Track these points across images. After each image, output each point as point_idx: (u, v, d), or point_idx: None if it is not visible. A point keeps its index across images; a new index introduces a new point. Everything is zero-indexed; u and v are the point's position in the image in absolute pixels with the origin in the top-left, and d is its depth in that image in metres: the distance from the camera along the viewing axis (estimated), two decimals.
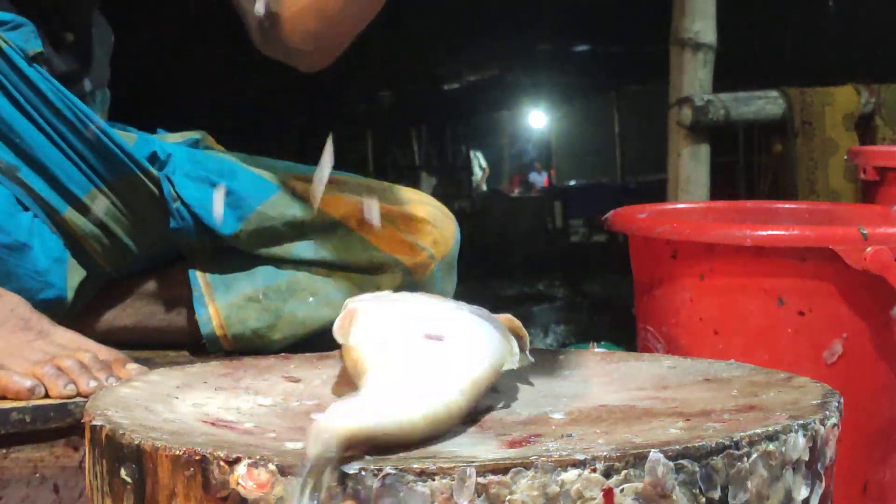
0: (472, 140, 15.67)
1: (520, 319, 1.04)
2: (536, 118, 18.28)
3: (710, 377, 0.97)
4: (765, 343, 1.56)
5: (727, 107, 3.21)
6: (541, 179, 16.76)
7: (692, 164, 3.24)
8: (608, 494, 0.71)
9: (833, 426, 0.82)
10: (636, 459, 0.72)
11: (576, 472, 0.71)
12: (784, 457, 0.77)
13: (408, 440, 0.75)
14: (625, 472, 0.71)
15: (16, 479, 1.17)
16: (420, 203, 1.47)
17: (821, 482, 0.80)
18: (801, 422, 0.79)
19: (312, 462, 0.68)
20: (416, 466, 0.70)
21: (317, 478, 0.68)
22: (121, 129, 1.45)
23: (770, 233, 1.55)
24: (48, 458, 1.18)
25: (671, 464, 0.72)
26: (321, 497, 0.69)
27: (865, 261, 1.50)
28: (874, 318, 1.57)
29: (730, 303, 1.58)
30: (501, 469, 0.70)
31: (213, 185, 1.39)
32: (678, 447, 0.73)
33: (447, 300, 1.00)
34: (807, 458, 0.78)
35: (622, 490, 0.71)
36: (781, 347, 1.56)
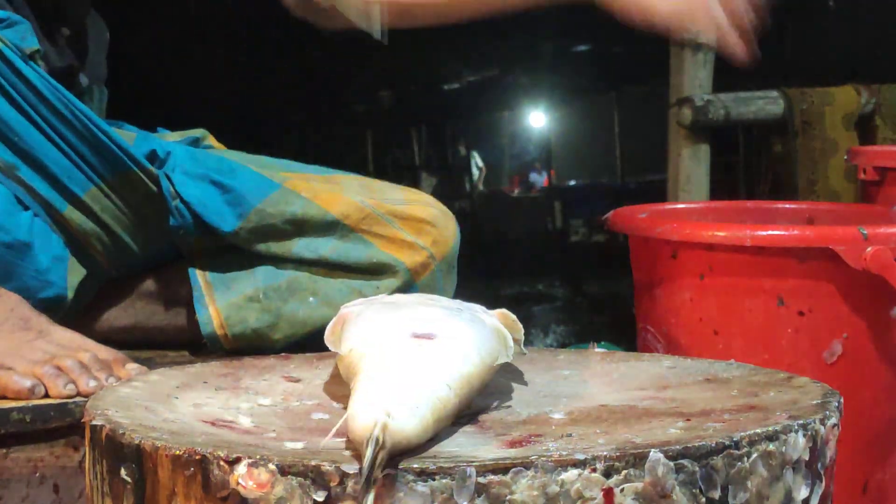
0: (473, 140, 15.65)
1: (520, 319, 1.04)
2: (536, 118, 18.25)
3: (710, 377, 0.97)
4: (765, 343, 1.56)
5: (727, 107, 3.20)
6: (541, 179, 16.73)
7: (692, 164, 3.23)
8: (608, 494, 0.71)
9: (833, 426, 0.82)
10: (636, 459, 0.72)
11: (576, 472, 0.71)
12: (784, 457, 0.77)
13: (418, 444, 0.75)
14: (625, 472, 0.71)
15: (16, 479, 1.17)
16: (420, 203, 1.47)
17: (821, 482, 0.80)
18: (801, 422, 0.79)
19: (371, 465, 0.69)
20: (416, 466, 0.70)
21: (373, 483, 0.69)
22: (120, 128, 1.46)
23: (770, 233, 1.55)
24: (48, 458, 1.18)
25: (671, 464, 0.72)
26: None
27: (865, 261, 1.50)
28: (874, 318, 1.57)
29: (730, 303, 1.58)
30: (501, 469, 0.70)
31: (213, 183, 1.39)
32: (678, 447, 0.73)
33: (442, 300, 1.00)
34: (807, 458, 0.79)
35: (622, 490, 0.71)
36: (781, 347, 1.56)
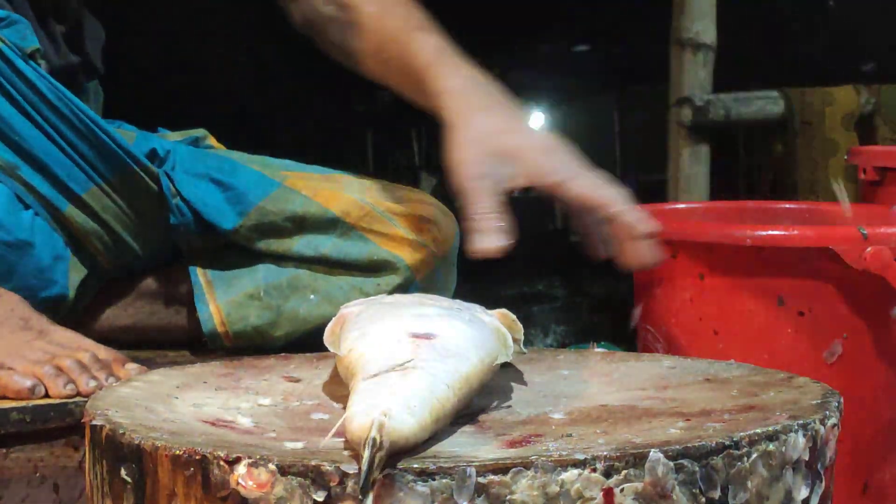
0: None
1: (520, 319, 1.04)
2: (536, 118, 18.28)
3: (710, 377, 0.97)
4: (765, 343, 1.56)
5: (727, 107, 3.20)
6: None
7: (692, 164, 3.23)
8: (608, 494, 0.71)
9: (833, 426, 0.82)
10: (636, 459, 0.71)
11: (576, 472, 0.71)
12: (784, 457, 0.77)
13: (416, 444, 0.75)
14: (625, 472, 0.71)
15: (16, 479, 1.16)
16: (420, 202, 1.47)
17: (821, 482, 0.80)
18: (801, 422, 0.79)
19: (369, 467, 0.68)
20: (416, 466, 0.70)
21: (371, 482, 0.68)
22: (120, 127, 1.46)
23: (770, 233, 1.55)
24: (48, 458, 1.18)
25: (671, 464, 0.72)
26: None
27: (865, 261, 1.49)
28: (874, 318, 1.57)
29: (730, 303, 1.58)
30: (501, 469, 0.70)
31: (214, 182, 1.39)
32: (678, 447, 0.73)
33: (441, 299, 1.00)
34: (807, 458, 0.78)
35: (622, 490, 0.71)
36: (781, 347, 1.56)
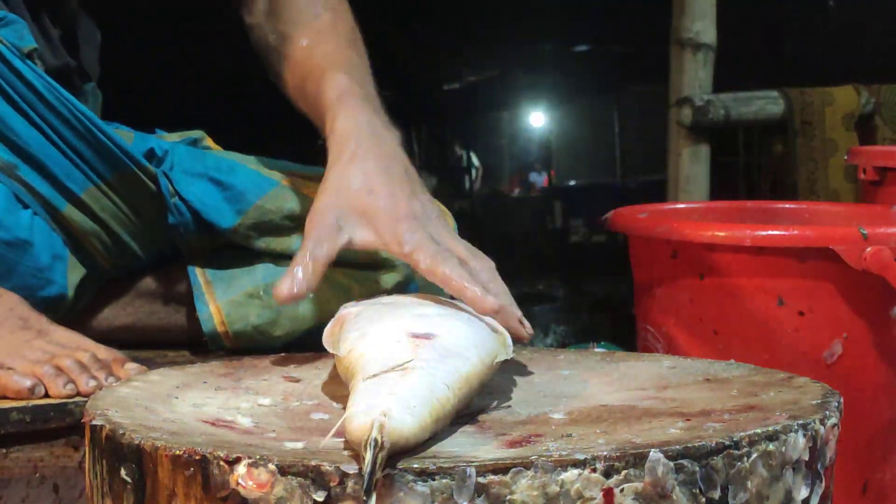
0: (473, 140, 15.65)
1: None
2: (536, 118, 18.25)
3: (710, 377, 0.97)
4: (765, 343, 1.56)
5: (727, 107, 3.21)
6: (541, 179, 16.73)
7: (692, 164, 3.24)
8: (608, 494, 0.71)
9: (833, 426, 0.82)
10: (636, 459, 0.71)
11: (576, 472, 0.71)
12: (784, 457, 0.77)
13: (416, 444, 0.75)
14: (625, 472, 0.71)
15: (16, 479, 1.16)
16: None
17: (821, 482, 0.80)
18: (801, 422, 0.79)
19: (372, 467, 0.68)
20: (416, 466, 0.70)
21: (374, 482, 0.68)
22: (118, 128, 1.46)
23: (770, 233, 1.56)
24: (48, 458, 1.18)
25: (671, 464, 0.72)
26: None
27: (865, 261, 1.50)
28: (874, 318, 1.57)
29: (730, 303, 1.58)
30: (501, 469, 0.70)
31: (212, 181, 1.39)
32: (678, 447, 0.73)
33: (440, 299, 1.00)
34: (807, 458, 0.78)
35: (622, 490, 0.71)
36: (781, 347, 1.56)
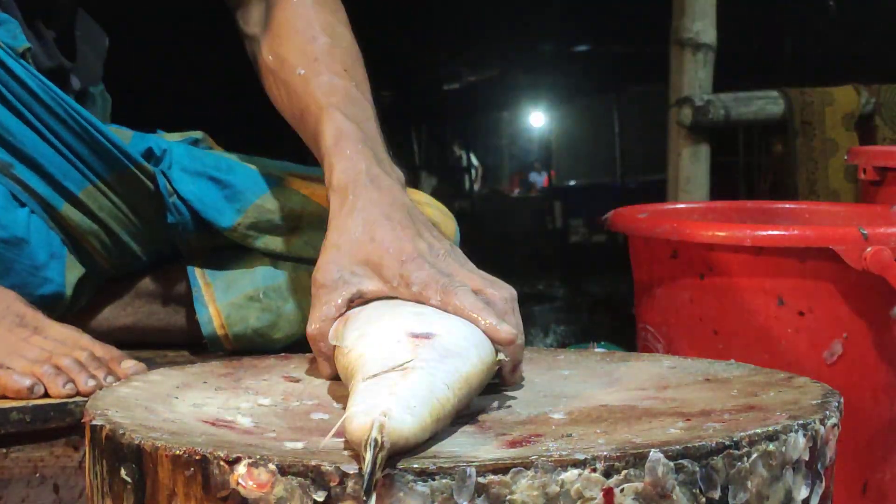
0: (473, 140, 15.65)
1: None
2: (536, 118, 18.26)
3: (710, 377, 0.97)
4: (765, 343, 1.56)
5: (727, 107, 3.21)
6: (541, 179, 16.74)
7: (692, 164, 3.24)
8: (608, 494, 0.71)
9: (833, 426, 0.82)
10: (636, 459, 0.71)
11: (576, 472, 0.71)
12: (784, 457, 0.77)
13: (416, 444, 0.75)
14: (625, 472, 0.71)
15: (16, 479, 1.16)
16: (419, 203, 1.47)
17: (821, 482, 0.80)
18: (801, 422, 0.79)
19: (372, 467, 0.68)
20: (416, 466, 0.70)
21: (374, 482, 0.68)
22: (116, 128, 1.45)
23: (770, 233, 1.55)
24: (48, 458, 1.18)
25: (671, 464, 0.72)
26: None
27: (865, 261, 1.50)
28: (874, 318, 1.57)
29: (730, 303, 1.58)
30: (501, 469, 0.70)
31: (211, 179, 1.39)
32: (678, 447, 0.73)
33: None
34: (807, 458, 0.78)
35: (622, 490, 0.71)
36: (781, 347, 1.56)
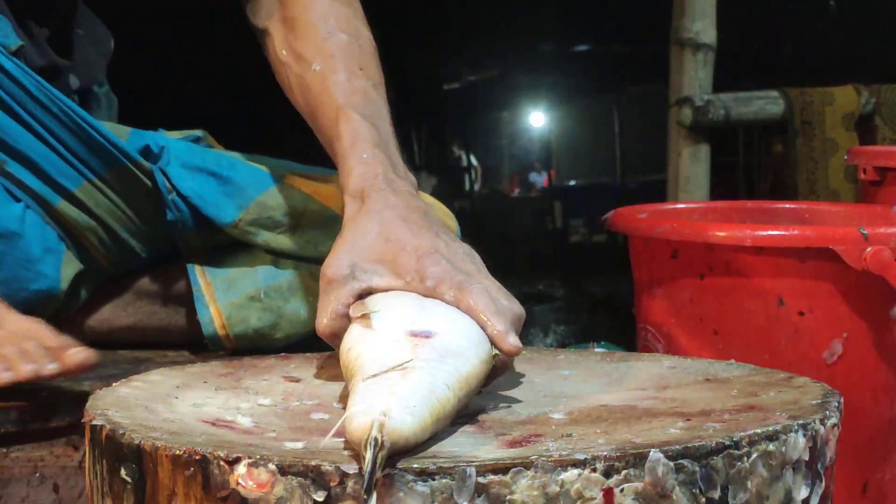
0: (473, 140, 15.66)
1: None
2: (536, 118, 18.27)
3: (710, 377, 0.97)
4: (765, 343, 1.56)
5: (727, 107, 3.21)
6: (541, 179, 16.74)
7: (692, 164, 3.24)
8: (608, 494, 0.71)
9: (833, 426, 0.82)
10: (636, 459, 0.71)
11: (576, 472, 0.71)
12: (784, 457, 0.77)
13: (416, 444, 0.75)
14: (625, 472, 0.71)
15: (16, 479, 1.17)
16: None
17: (821, 482, 0.80)
18: (801, 422, 0.79)
19: (372, 467, 0.68)
20: (416, 466, 0.70)
21: (374, 482, 0.68)
22: (113, 125, 1.45)
23: (770, 233, 1.55)
24: (48, 458, 1.18)
25: (671, 464, 0.72)
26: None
27: (865, 261, 1.50)
28: (874, 318, 1.57)
29: (730, 303, 1.58)
30: (501, 469, 0.70)
31: (212, 175, 1.39)
32: (678, 447, 0.73)
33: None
34: (807, 458, 0.78)
35: (622, 490, 0.71)
36: (781, 347, 1.56)
